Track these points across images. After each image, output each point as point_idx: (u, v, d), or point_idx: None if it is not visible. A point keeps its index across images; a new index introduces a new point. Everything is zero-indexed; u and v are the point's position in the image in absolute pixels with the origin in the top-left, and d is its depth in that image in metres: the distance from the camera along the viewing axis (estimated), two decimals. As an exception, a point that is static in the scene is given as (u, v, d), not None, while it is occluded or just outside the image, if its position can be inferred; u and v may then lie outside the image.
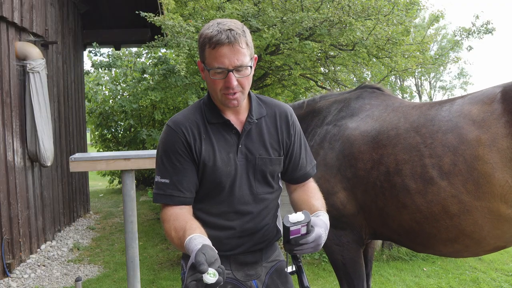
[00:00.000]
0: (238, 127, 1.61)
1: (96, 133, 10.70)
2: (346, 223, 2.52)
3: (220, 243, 1.57)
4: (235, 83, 1.47)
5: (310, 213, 1.52)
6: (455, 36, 8.11)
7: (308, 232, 1.41)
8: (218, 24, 1.46)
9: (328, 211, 1.65)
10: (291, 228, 1.38)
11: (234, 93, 1.49)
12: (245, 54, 1.47)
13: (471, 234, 2.18)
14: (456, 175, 2.14)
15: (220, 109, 1.60)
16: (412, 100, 25.63)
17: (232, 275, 1.64)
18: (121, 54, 9.54)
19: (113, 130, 10.45)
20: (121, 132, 10.65)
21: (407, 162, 2.28)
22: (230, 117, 1.61)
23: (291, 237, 1.39)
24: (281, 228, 1.75)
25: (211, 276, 1.22)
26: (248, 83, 1.52)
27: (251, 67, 1.50)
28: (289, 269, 1.56)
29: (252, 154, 1.61)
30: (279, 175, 1.75)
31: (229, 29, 1.44)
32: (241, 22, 6.68)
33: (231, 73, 1.45)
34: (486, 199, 2.10)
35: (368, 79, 8.68)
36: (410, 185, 2.25)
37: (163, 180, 1.56)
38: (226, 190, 1.59)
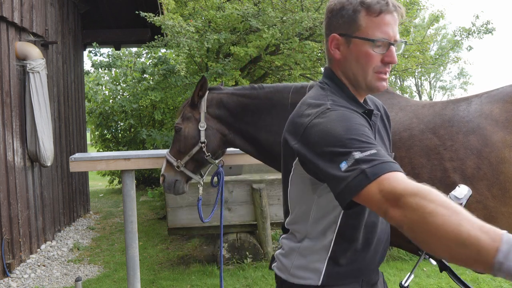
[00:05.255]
0: None
1: (96, 133, 10.70)
2: None
3: (361, 263, 1.32)
4: (396, 58, 1.26)
5: None
6: (455, 36, 8.11)
7: None
8: None
9: None
10: (463, 205, 1.11)
11: (387, 73, 1.28)
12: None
13: None
14: (480, 180, 2.02)
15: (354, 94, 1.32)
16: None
17: None
18: (121, 54, 9.55)
19: (113, 130, 10.45)
20: (121, 132, 10.65)
21: (425, 166, 2.13)
22: None
23: None
24: None
25: None
26: None
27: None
28: (407, 281, 1.32)
29: None
30: None
31: None
32: (241, 22, 6.71)
33: (392, 46, 1.25)
34: None
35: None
36: None
37: (367, 153, 1.03)
38: None
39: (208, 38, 5.71)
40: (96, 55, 7.50)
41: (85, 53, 8.78)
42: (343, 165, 1.03)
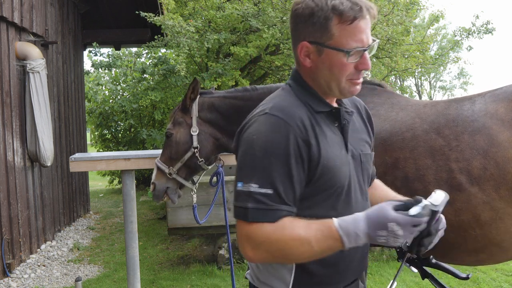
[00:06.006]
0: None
1: (96, 133, 10.70)
2: None
3: (332, 271, 1.28)
4: (370, 64, 1.21)
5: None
6: (455, 36, 8.12)
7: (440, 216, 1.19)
8: None
9: None
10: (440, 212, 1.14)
11: (360, 78, 1.23)
12: None
13: (500, 243, 2.03)
14: (487, 180, 1.98)
15: (321, 95, 1.29)
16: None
17: None
18: (121, 54, 9.56)
19: (113, 130, 10.46)
20: (121, 132, 10.66)
21: (430, 167, 2.08)
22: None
23: (432, 225, 1.15)
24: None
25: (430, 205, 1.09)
26: None
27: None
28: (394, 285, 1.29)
29: (356, 151, 1.32)
30: None
31: None
32: (241, 22, 6.71)
33: (366, 52, 1.19)
34: None
35: (368, 79, 8.70)
36: None
37: (263, 191, 1.13)
38: (343, 196, 1.26)
39: (208, 38, 5.72)
40: (96, 55, 7.51)
41: (85, 53, 8.79)
42: (240, 185, 1.17)
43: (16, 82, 5.14)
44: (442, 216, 1.23)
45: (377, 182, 1.58)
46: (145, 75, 7.94)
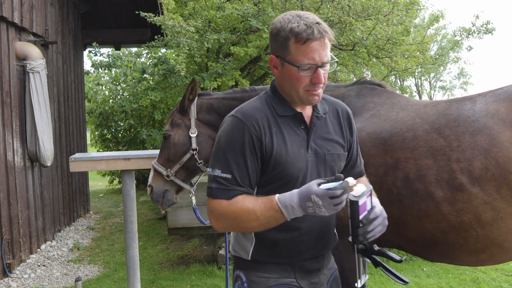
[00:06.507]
0: (306, 121, 1.57)
1: (96, 133, 10.70)
2: (345, 232, 2.34)
3: (286, 247, 1.54)
4: (323, 79, 1.44)
5: None
6: (455, 36, 8.13)
7: (373, 206, 1.37)
8: (300, 17, 1.42)
9: None
10: (360, 202, 1.28)
11: (318, 90, 1.46)
12: (329, 49, 1.45)
13: (502, 243, 2.03)
14: (488, 180, 1.98)
15: (289, 102, 1.55)
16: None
17: (297, 283, 1.57)
18: (121, 54, 9.55)
19: (113, 130, 10.45)
20: (121, 132, 10.65)
21: (431, 167, 2.08)
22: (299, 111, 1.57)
23: (360, 216, 1.29)
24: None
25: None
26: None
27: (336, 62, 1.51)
28: (359, 283, 1.42)
29: (321, 150, 1.56)
30: None
31: (317, 23, 1.41)
32: (241, 22, 6.69)
33: (319, 69, 1.42)
34: None
35: (368, 79, 8.70)
36: (435, 193, 2.06)
37: (224, 175, 1.46)
38: (297, 186, 1.46)
39: (208, 38, 5.71)
40: (96, 55, 7.50)
41: (85, 53, 8.78)
42: (210, 170, 1.50)
43: (16, 82, 5.14)
44: (378, 208, 1.40)
45: (362, 179, 1.76)
46: (145, 75, 7.92)
